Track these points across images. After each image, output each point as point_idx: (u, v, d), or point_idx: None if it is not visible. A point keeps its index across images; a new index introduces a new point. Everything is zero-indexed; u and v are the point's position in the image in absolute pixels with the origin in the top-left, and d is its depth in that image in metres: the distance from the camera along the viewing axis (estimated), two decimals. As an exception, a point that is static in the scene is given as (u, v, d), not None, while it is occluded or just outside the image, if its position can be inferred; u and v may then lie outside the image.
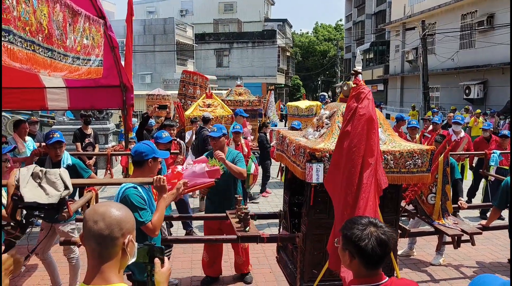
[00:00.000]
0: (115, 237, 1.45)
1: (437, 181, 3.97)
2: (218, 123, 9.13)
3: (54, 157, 4.29)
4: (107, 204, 1.52)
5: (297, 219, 3.99)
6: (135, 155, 3.03)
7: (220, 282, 4.89)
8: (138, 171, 3.04)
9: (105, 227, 1.44)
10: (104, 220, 1.45)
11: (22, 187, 2.20)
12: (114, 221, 1.46)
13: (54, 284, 4.45)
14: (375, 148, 2.47)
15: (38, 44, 3.12)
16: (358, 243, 1.69)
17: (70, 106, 6.38)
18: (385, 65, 31.29)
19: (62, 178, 2.34)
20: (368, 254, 1.67)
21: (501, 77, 18.83)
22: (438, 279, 4.97)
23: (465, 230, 3.95)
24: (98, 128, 11.66)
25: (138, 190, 2.86)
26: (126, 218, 1.50)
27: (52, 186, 2.27)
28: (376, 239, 1.68)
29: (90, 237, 1.46)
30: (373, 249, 1.67)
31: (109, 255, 1.46)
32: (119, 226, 1.46)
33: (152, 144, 3.12)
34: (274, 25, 42.05)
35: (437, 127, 8.61)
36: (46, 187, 2.25)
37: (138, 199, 2.84)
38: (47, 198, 2.19)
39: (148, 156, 3.00)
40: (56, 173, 2.36)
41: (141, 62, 28.89)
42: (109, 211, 1.47)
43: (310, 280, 3.32)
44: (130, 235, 1.50)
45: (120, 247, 1.47)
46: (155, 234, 2.84)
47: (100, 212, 1.47)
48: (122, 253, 1.49)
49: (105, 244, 1.45)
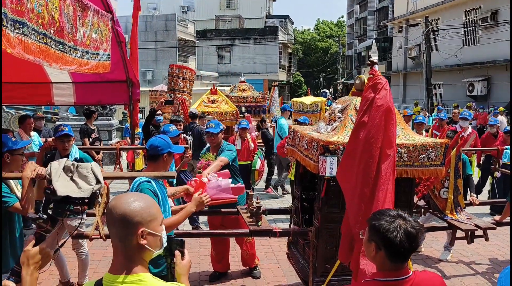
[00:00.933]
0: (127, 229, 1.44)
1: (449, 176, 3.96)
2: (222, 118, 9.14)
3: (62, 150, 4.28)
4: (130, 195, 1.51)
5: (308, 214, 3.98)
6: (150, 149, 3.00)
7: (228, 277, 4.88)
8: (152, 165, 3.02)
9: (117, 219, 1.44)
10: (116, 211, 1.44)
11: (55, 180, 2.17)
12: (127, 211, 1.45)
13: (63, 278, 4.44)
14: (393, 140, 2.44)
15: (50, 37, 3.09)
16: (386, 234, 1.66)
17: (76, 101, 6.36)
18: (387, 61, 31.21)
19: (94, 172, 2.31)
20: (396, 246, 1.64)
21: (504, 73, 18.76)
22: (448, 275, 4.96)
23: (479, 225, 3.93)
24: (102, 124, 11.66)
25: (152, 185, 2.83)
26: (141, 210, 1.47)
27: (84, 180, 2.25)
28: (404, 231, 1.65)
29: (112, 226, 1.47)
30: (401, 242, 1.64)
31: (130, 247, 1.45)
32: (131, 217, 1.44)
33: (168, 139, 3.08)
34: (275, 21, 41.96)
35: (443, 123, 8.57)
36: (78, 181, 2.22)
37: (151, 195, 2.78)
38: (80, 192, 2.17)
39: (164, 151, 2.97)
40: (88, 167, 2.34)
41: (142, 59, 28.81)
42: (130, 202, 1.46)
43: (322, 275, 3.31)
44: (143, 228, 1.46)
45: (135, 239, 1.45)
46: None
47: (122, 201, 1.47)
48: (138, 244, 1.46)
49: (125, 234, 1.45)
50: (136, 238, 1.44)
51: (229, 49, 38.02)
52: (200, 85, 25.22)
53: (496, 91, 19.58)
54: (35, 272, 1.66)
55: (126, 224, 1.43)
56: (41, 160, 4.42)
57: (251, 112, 11.20)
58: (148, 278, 1.45)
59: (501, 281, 1.37)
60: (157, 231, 1.52)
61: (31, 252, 1.65)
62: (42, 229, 1.83)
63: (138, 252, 1.46)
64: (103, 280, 1.46)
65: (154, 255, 1.52)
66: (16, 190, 3.10)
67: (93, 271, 4.67)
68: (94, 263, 4.86)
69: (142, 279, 1.43)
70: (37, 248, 1.67)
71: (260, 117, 10.94)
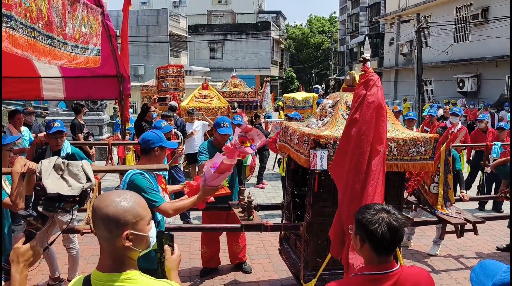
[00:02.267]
0: (112, 231, 1.41)
1: (439, 171, 4.00)
2: (214, 113, 9.13)
3: (55, 146, 4.25)
4: (117, 193, 1.47)
5: (300, 210, 4.00)
6: (142, 142, 3.04)
7: (219, 272, 4.89)
8: (145, 159, 3.05)
9: (112, 216, 1.40)
10: (101, 212, 1.41)
11: (45, 178, 2.17)
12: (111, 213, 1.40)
13: (53, 274, 4.42)
14: (384, 136, 2.47)
15: (39, 31, 3.06)
16: (368, 227, 1.68)
17: (66, 96, 6.30)
18: (379, 57, 31.31)
19: (85, 170, 2.31)
20: (378, 238, 1.66)
21: (494, 70, 18.95)
22: (437, 269, 5.02)
23: (468, 219, 3.98)
24: (93, 119, 11.58)
25: (145, 176, 2.87)
26: (125, 211, 1.42)
27: (74, 178, 2.25)
28: (387, 224, 1.67)
29: (99, 225, 1.43)
30: (383, 234, 1.66)
31: (116, 247, 1.42)
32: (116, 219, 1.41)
33: (161, 133, 3.11)
34: (268, 17, 41.85)
35: (433, 119, 8.65)
36: (68, 179, 2.22)
37: (147, 184, 2.83)
38: (70, 190, 2.16)
39: (155, 144, 2.99)
40: (78, 165, 2.33)
41: (134, 54, 28.61)
42: (117, 201, 1.42)
43: (314, 268, 3.33)
44: (128, 230, 1.41)
45: (121, 240, 1.42)
46: (169, 215, 2.91)
47: (109, 200, 1.42)
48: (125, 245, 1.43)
49: (115, 232, 1.41)
50: (121, 240, 1.41)
51: (221, 44, 37.88)
52: (192, 80, 25.10)
53: (486, 88, 19.76)
54: (25, 270, 1.64)
55: (110, 226, 1.40)
56: (31, 156, 4.38)
57: (243, 107, 11.19)
58: (137, 276, 1.44)
59: (473, 277, 1.36)
60: (144, 232, 1.47)
61: (21, 250, 1.63)
62: (32, 227, 1.81)
63: (124, 252, 1.44)
64: (91, 277, 1.44)
65: (141, 254, 1.51)
66: (4, 186, 3.07)
67: (83, 266, 4.65)
68: (85, 258, 4.84)
69: (130, 277, 1.42)
70: (28, 246, 1.65)
71: (252, 113, 10.94)
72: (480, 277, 1.33)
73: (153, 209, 2.79)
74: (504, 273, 1.24)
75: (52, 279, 4.42)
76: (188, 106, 9.20)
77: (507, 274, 1.22)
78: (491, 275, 1.28)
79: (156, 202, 2.80)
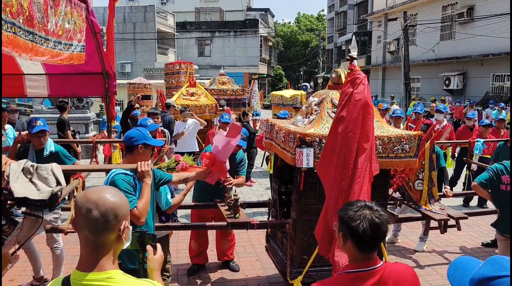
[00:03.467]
0: (111, 224, 1.41)
1: (424, 168, 4.04)
2: (201, 111, 9.08)
3: (38, 145, 4.18)
4: (99, 190, 1.46)
5: (286, 207, 4.00)
6: (126, 140, 2.99)
7: (206, 270, 4.87)
8: (129, 157, 3.00)
9: (100, 216, 1.38)
10: (98, 208, 1.39)
11: (12, 182, 2.12)
12: (109, 209, 1.40)
13: (36, 274, 4.35)
14: (371, 134, 2.48)
15: (19, 27, 3.00)
16: (350, 224, 1.69)
17: (50, 93, 6.21)
18: (367, 55, 31.50)
19: (54, 173, 2.26)
20: (359, 235, 1.66)
21: (480, 68, 19.20)
22: (423, 265, 5.07)
23: (451, 215, 4.03)
24: (79, 117, 11.44)
25: (128, 177, 2.80)
26: (121, 204, 1.45)
27: (43, 182, 2.20)
28: (368, 221, 1.68)
29: (84, 225, 1.40)
30: (364, 231, 1.66)
31: (104, 243, 1.42)
32: (115, 213, 1.41)
33: (145, 131, 3.06)
34: (256, 14, 41.79)
35: (419, 117, 8.73)
36: (37, 182, 2.17)
37: (125, 185, 2.76)
38: (38, 194, 2.12)
39: (138, 142, 2.94)
40: (48, 168, 2.28)
41: (121, 51, 28.34)
42: (103, 198, 1.41)
43: (300, 265, 3.34)
44: (125, 221, 1.46)
45: (116, 234, 1.43)
46: (140, 222, 2.74)
47: (93, 199, 1.40)
48: (117, 239, 1.45)
49: (100, 232, 1.40)
50: (117, 232, 1.43)
51: (209, 41, 37.70)
52: (179, 78, 24.91)
53: (471, 85, 20.02)
54: None
55: (109, 218, 1.40)
56: (13, 154, 4.30)
57: (231, 105, 11.18)
58: (117, 276, 1.42)
59: (451, 274, 1.37)
60: (129, 224, 1.52)
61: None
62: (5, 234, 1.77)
63: (113, 246, 1.44)
64: (71, 277, 1.41)
65: (123, 248, 1.49)
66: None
67: (68, 266, 4.59)
68: (70, 258, 4.78)
69: (111, 277, 1.40)
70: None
71: (240, 110, 10.92)
72: (457, 274, 1.35)
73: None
74: (481, 268, 1.26)
75: (36, 279, 4.35)
76: (176, 103, 9.14)
77: (485, 269, 1.24)
78: (468, 271, 1.30)
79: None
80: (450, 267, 1.41)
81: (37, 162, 3.45)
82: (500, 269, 1.21)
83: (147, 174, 2.80)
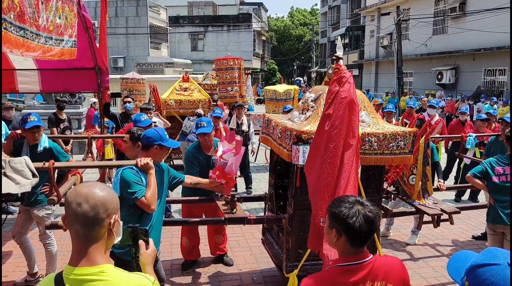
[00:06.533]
0: (100, 218, 1.42)
1: (418, 163, 4.07)
2: (195, 106, 9.04)
3: (32, 141, 4.14)
4: (89, 185, 1.48)
5: (282, 201, 4.02)
6: (143, 139, 3.18)
7: (200, 265, 4.89)
8: (144, 154, 3.16)
9: (90, 209, 1.40)
10: (88, 202, 1.41)
11: None
12: (98, 202, 1.42)
13: (31, 270, 4.34)
14: (356, 130, 2.55)
15: (10, 22, 2.97)
16: (346, 221, 1.71)
17: (42, 89, 6.18)
18: (360, 50, 31.54)
19: (28, 165, 2.24)
20: (356, 231, 1.69)
21: (471, 63, 19.32)
22: (415, 258, 5.13)
23: (444, 210, 4.07)
24: (71, 112, 11.34)
25: (134, 170, 3.00)
26: (111, 198, 1.47)
27: (20, 174, 2.18)
28: (363, 216, 1.71)
29: (74, 219, 1.41)
30: (361, 227, 1.69)
31: (95, 237, 1.44)
32: (104, 206, 1.44)
33: (163, 133, 3.21)
34: (249, 8, 41.66)
35: (412, 111, 8.78)
36: (14, 176, 2.15)
37: (134, 177, 2.96)
38: (19, 187, 2.10)
39: (155, 142, 3.13)
40: (22, 161, 2.27)
41: (113, 46, 28.12)
42: (93, 192, 1.43)
43: (296, 259, 3.37)
44: (115, 215, 1.48)
45: (106, 228, 1.45)
46: (151, 210, 2.96)
47: (83, 193, 1.42)
48: (108, 233, 1.47)
49: (90, 226, 1.42)
50: (108, 226, 1.44)
51: (203, 36, 37.52)
52: (173, 72, 24.81)
53: (463, 80, 20.15)
54: None
55: (100, 211, 1.42)
56: (8, 150, 4.27)
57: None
58: (110, 270, 1.43)
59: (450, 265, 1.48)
60: (119, 219, 1.53)
61: None
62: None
63: (104, 240, 1.46)
64: (63, 272, 1.42)
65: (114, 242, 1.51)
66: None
67: (62, 262, 4.57)
68: (64, 254, 4.76)
69: (103, 270, 1.41)
70: None
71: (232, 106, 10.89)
72: (456, 264, 1.46)
73: (135, 202, 2.93)
74: (476, 257, 1.36)
75: (30, 275, 4.34)
76: (169, 99, 9.10)
77: (477, 258, 1.35)
78: (466, 262, 1.39)
79: (137, 196, 2.91)
80: (451, 259, 1.51)
81: (31, 158, 3.43)
82: (490, 258, 1.30)
83: (149, 166, 3.02)
